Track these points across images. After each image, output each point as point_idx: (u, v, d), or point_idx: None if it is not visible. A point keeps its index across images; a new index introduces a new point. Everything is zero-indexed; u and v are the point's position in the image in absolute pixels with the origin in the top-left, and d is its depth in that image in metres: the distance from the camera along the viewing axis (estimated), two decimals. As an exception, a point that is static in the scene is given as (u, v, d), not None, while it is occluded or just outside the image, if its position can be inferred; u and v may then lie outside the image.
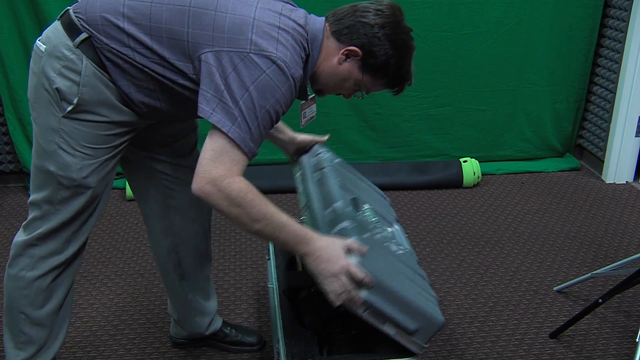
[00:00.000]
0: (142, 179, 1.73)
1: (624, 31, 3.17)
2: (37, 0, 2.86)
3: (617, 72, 3.25)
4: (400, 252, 1.57)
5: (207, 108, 1.32)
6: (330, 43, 1.44)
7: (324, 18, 1.46)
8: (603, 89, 3.39)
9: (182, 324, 1.97)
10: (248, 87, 1.30)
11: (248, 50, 1.32)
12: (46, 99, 1.43)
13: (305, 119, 1.65)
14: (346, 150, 3.39)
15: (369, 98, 3.52)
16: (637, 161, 3.36)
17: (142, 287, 2.40)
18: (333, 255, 1.34)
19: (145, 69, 1.41)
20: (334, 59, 1.44)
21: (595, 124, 3.49)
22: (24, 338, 1.61)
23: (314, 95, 1.62)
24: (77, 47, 1.40)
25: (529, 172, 3.50)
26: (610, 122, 3.33)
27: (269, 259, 1.87)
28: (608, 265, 2.31)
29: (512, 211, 3.03)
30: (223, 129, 1.30)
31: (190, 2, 1.38)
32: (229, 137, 1.30)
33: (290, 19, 1.40)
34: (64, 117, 1.43)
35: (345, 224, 1.42)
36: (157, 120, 1.58)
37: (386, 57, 1.41)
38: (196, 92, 1.40)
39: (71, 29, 1.41)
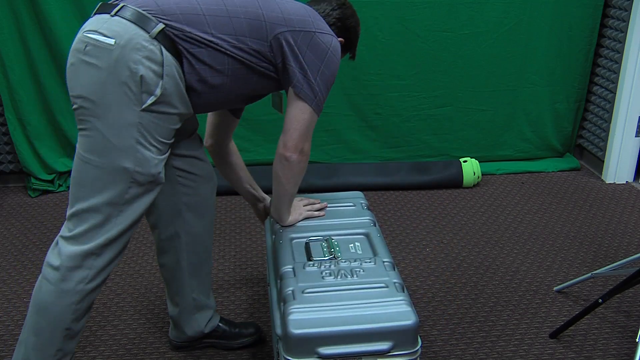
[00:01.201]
0: None
1: (624, 31, 3.17)
2: (37, 0, 2.86)
3: (617, 72, 3.25)
4: (342, 274, 1.58)
5: (297, 83, 1.57)
6: None
7: None
8: (603, 89, 3.40)
9: (183, 325, 1.97)
10: (321, 64, 1.58)
11: (314, 30, 1.57)
12: (121, 93, 1.40)
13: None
14: (346, 150, 3.39)
15: (369, 98, 3.52)
16: (637, 161, 3.36)
17: (142, 287, 2.40)
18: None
19: (226, 52, 1.49)
20: None
21: (595, 124, 3.49)
22: (60, 355, 1.55)
23: None
24: (154, 37, 1.41)
25: (529, 172, 3.50)
26: (610, 122, 3.33)
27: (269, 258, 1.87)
28: (608, 265, 2.31)
29: (512, 211, 3.03)
30: (307, 102, 1.58)
31: None
32: (311, 109, 1.59)
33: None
34: (142, 110, 1.42)
35: (288, 290, 1.54)
36: (202, 111, 1.62)
37: (354, 37, 1.78)
38: (263, 75, 1.58)
39: (142, 21, 1.41)
